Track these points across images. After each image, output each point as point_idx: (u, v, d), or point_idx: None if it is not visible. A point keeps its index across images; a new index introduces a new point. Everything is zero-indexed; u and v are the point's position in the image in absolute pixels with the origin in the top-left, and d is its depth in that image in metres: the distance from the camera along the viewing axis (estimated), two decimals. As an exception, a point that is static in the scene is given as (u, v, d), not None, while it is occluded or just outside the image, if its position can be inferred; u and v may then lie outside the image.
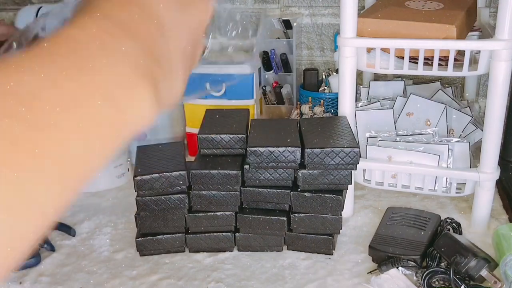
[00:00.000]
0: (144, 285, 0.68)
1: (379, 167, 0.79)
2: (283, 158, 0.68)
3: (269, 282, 0.68)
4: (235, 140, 0.72)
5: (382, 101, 0.88)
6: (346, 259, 0.72)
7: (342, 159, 0.67)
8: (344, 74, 0.75)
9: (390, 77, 1.07)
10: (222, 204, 0.72)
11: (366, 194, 0.89)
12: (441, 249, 0.66)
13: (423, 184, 0.78)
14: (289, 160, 0.68)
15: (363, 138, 0.83)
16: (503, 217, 0.81)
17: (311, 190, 0.70)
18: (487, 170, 0.73)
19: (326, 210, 0.70)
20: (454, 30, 0.71)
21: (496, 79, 0.68)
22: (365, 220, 0.82)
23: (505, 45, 0.66)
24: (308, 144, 0.69)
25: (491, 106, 0.70)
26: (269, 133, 0.74)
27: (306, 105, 1.05)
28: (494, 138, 0.71)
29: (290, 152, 0.68)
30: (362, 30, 0.74)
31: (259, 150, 0.68)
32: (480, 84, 1.09)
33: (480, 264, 0.62)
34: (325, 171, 0.69)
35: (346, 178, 0.69)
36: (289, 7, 1.16)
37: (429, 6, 0.80)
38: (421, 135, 0.80)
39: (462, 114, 0.84)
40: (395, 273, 0.66)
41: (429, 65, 0.73)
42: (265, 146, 0.68)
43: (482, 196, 0.75)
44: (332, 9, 1.15)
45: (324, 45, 1.17)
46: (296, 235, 0.73)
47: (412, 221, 0.74)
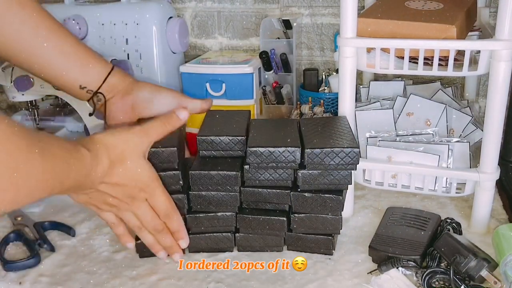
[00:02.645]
0: (144, 285, 0.68)
1: (379, 167, 0.79)
2: (283, 159, 0.68)
3: (269, 282, 0.68)
4: (234, 142, 0.72)
5: (382, 101, 0.88)
6: (346, 259, 0.72)
7: (342, 159, 0.67)
8: (344, 74, 0.75)
9: (390, 77, 1.07)
10: (222, 205, 0.72)
11: (366, 194, 0.89)
12: (441, 249, 0.66)
13: (423, 184, 0.78)
14: (289, 160, 0.68)
15: (363, 138, 0.83)
16: (503, 217, 0.81)
17: (311, 190, 0.70)
18: (487, 170, 0.73)
19: (326, 210, 0.70)
20: (454, 30, 0.71)
21: (496, 79, 0.68)
22: (365, 220, 0.82)
23: (505, 45, 0.66)
24: (308, 144, 0.68)
25: (491, 106, 0.70)
26: (269, 133, 0.74)
27: (306, 105, 1.05)
28: (494, 138, 0.71)
29: (290, 152, 0.68)
30: (362, 30, 0.74)
31: (259, 151, 0.68)
32: (480, 84, 1.09)
33: (480, 264, 0.62)
34: (325, 171, 0.68)
35: (346, 178, 0.69)
36: (289, 7, 1.16)
37: (429, 6, 0.80)
38: (421, 135, 0.80)
39: (462, 114, 0.84)
40: (395, 273, 0.66)
41: (429, 65, 0.73)
42: (265, 146, 0.68)
43: (482, 196, 0.75)
44: (332, 9, 1.15)
45: (324, 45, 1.17)
46: (296, 235, 0.73)
47: (412, 221, 0.74)
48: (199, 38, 1.24)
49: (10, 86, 0.90)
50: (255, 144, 0.69)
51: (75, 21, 1.00)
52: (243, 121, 0.78)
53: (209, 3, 1.20)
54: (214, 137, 0.72)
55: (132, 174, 0.66)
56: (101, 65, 0.77)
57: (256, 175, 0.70)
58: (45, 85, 0.89)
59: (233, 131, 0.73)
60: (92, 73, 0.76)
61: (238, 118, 0.79)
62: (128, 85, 0.78)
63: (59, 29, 0.74)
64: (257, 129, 0.75)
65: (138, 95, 0.77)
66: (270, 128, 0.76)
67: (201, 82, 0.99)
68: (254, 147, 0.68)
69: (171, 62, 1.07)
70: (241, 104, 0.98)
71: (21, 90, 0.89)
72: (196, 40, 1.24)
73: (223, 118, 0.79)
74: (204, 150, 0.73)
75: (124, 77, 0.78)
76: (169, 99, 0.78)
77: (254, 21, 1.19)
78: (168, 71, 1.06)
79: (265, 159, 0.68)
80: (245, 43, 1.22)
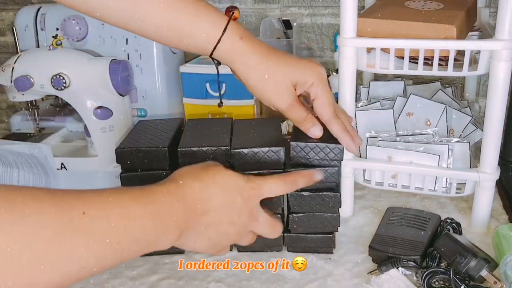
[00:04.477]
0: (144, 285, 0.68)
1: (379, 167, 0.79)
2: (267, 159, 0.68)
3: (269, 282, 0.68)
4: (218, 153, 0.70)
5: (382, 101, 0.88)
6: (346, 260, 0.72)
7: (326, 155, 0.67)
8: (344, 74, 0.75)
9: (390, 77, 1.07)
10: None
11: (366, 194, 0.89)
12: (441, 249, 0.66)
13: (423, 184, 0.78)
14: (274, 160, 0.68)
15: (363, 138, 0.83)
16: (503, 217, 0.81)
17: (311, 189, 0.70)
18: (487, 170, 0.73)
19: (324, 208, 0.70)
20: (454, 30, 0.71)
21: (496, 79, 0.68)
22: (365, 220, 0.82)
23: (505, 45, 0.66)
24: (294, 138, 0.69)
25: (491, 106, 0.70)
26: (252, 134, 0.74)
27: (306, 105, 1.05)
28: (494, 138, 0.71)
29: (274, 152, 0.68)
30: (362, 30, 0.74)
31: (243, 152, 0.68)
32: (480, 84, 1.09)
33: (480, 264, 0.62)
34: None
35: (333, 176, 0.69)
36: (289, 7, 1.16)
37: (429, 6, 0.80)
38: (421, 135, 0.80)
39: (462, 114, 0.84)
40: (395, 274, 0.66)
41: (429, 65, 0.73)
42: (249, 147, 0.68)
43: (482, 196, 0.75)
44: (332, 9, 1.15)
45: (324, 45, 1.17)
46: (296, 236, 0.73)
47: (412, 221, 0.74)
48: (199, 38, 1.23)
49: (10, 86, 0.90)
50: (238, 145, 0.69)
51: (75, 21, 1.00)
52: (227, 129, 0.75)
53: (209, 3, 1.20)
54: (196, 148, 0.70)
55: (229, 185, 0.56)
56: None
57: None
58: (45, 85, 0.89)
59: (217, 141, 0.71)
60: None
61: (221, 126, 0.77)
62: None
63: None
64: (241, 130, 0.75)
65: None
66: (253, 129, 0.76)
67: (201, 82, 0.99)
68: (238, 149, 0.68)
69: (171, 62, 1.07)
70: (241, 104, 0.98)
71: (21, 90, 0.89)
72: (196, 40, 1.24)
73: (205, 127, 0.77)
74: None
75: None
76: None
77: (254, 21, 1.19)
78: (168, 71, 1.06)
79: (249, 160, 0.68)
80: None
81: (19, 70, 0.89)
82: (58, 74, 0.88)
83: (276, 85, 0.65)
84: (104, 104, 0.92)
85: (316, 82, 0.66)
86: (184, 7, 0.62)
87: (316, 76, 0.66)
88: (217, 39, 0.63)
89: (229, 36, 0.63)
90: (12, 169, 0.89)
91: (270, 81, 0.64)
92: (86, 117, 0.92)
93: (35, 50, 0.96)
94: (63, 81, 0.88)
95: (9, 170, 0.88)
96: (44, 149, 0.94)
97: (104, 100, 0.92)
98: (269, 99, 0.66)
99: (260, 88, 0.65)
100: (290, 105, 0.66)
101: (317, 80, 0.66)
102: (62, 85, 0.88)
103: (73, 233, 0.40)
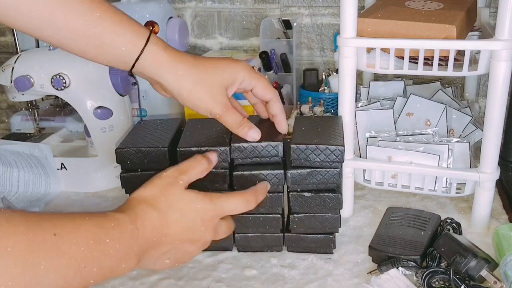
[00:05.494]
0: (144, 285, 0.68)
1: (379, 167, 0.79)
2: (266, 153, 0.68)
3: (269, 282, 0.68)
4: (218, 153, 0.69)
5: (382, 101, 0.88)
6: (346, 259, 0.72)
7: (327, 157, 0.67)
8: (344, 74, 0.75)
9: (390, 77, 1.07)
10: None
11: (366, 194, 0.89)
12: (441, 249, 0.66)
13: (423, 184, 0.78)
14: (272, 155, 0.69)
15: (363, 138, 0.83)
16: (503, 217, 0.81)
17: (312, 190, 0.70)
18: (487, 170, 0.73)
19: (325, 209, 0.70)
20: (454, 30, 0.71)
21: (496, 79, 0.68)
22: (365, 220, 0.82)
23: (505, 45, 0.66)
24: (295, 140, 0.69)
25: (491, 106, 0.70)
26: None
27: (306, 105, 1.05)
28: (494, 138, 0.71)
29: (273, 146, 0.68)
30: (362, 30, 0.74)
31: (242, 146, 0.68)
32: (480, 84, 1.09)
33: (480, 264, 0.62)
34: (313, 171, 0.68)
35: (335, 177, 0.69)
36: (289, 7, 1.16)
37: (429, 6, 0.80)
38: (421, 135, 0.80)
39: (462, 114, 0.84)
40: (395, 273, 0.66)
41: (429, 65, 0.73)
42: (248, 141, 0.68)
43: (482, 196, 0.75)
44: (332, 9, 1.15)
45: (324, 45, 1.17)
46: (296, 236, 0.73)
47: (412, 221, 0.74)
48: (199, 38, 1.24)
49: (10, 86, 0.90)
50: (238, 140, 0.69)
51: (75, 21, 1.00)
52: (226, 129, 0.73)
53: (209, 3, 1.21)
54: (195, 148, 0.69)
55: (189, 210, 0.57)
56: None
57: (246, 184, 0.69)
58: (45, 85, 0.89)
59: (215, 141, 0.71)
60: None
61: (220, 126, 0.75)
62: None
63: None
64: None
65: None
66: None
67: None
68: (238, 143, 0.68)
69: (171, 62, 1.07)
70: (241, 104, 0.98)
71: (21, 90, 0.89)
72: (196, 40, 1.24)
73: (204, 127, 0.76)
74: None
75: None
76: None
77: (254, 21, 1.19)
78: (168, 71, 1.05)
79: (248, 154, 0.68)
80: (245, 43, 1.22)
81: (19, 70, 0.89)
82: (58, 74, 0.88)
83: (211, 89, 0.64)
84: (104, 104, 0.92)
85: (246, 75, 0.67)
86: (106, 17, 0.59)
87: (243, 70, 0.67)
88: (141, 48, 0.60)
89: (153, 45, 0.61)
90: (12, 169, 0.89)
91: (203, 87, 0.64)
92: (86, 117, 0.92)
93: (35, 50, 0.96)
94: (63, 81, 0.88)
95: (9, 170, 0.88)
96: (44, 149, 0.94)
97: (104, 100, 0.92)
98: (205, 105, 0.65)
99: (194, 96, 0.64)
100: (226, 109, 0.66)
101: (247, 74, 0.67)
102: (62, 85, 0.88)
103: (46, 254, 0.41)
